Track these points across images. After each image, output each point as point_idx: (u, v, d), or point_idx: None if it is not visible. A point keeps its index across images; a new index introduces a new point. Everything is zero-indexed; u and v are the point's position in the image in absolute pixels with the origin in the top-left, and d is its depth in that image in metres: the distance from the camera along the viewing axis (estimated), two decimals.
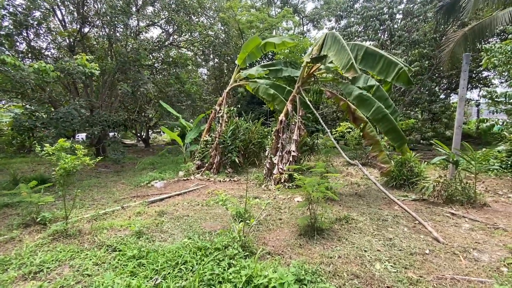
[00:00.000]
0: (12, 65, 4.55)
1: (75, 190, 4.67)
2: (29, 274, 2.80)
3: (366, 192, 6.41)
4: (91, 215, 4.78)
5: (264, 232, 4.00)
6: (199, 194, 6.51)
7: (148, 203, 5.70)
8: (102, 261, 3.11)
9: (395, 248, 3.49)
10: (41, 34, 9.20)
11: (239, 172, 8.79)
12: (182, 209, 5.24)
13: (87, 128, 9.67)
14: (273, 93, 7.75)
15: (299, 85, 6.80)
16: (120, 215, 4.91)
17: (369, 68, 5.46)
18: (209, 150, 8.82)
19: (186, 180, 7.98)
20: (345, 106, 6.24)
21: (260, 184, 7.03)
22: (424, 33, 15.19)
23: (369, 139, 5.97)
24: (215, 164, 8.52)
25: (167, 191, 6.88)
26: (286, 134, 6.92)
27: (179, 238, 3.79)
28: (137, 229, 3.87)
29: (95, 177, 9.04)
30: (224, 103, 8.91)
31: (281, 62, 8.92)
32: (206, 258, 2.91)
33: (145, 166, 10.93)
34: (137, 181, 7.82)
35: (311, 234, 3.78)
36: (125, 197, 6.32)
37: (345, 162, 10.82)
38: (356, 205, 5.32)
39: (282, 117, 6.89)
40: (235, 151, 8.67)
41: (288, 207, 5.17)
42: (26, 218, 4.29)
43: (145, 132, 22.06)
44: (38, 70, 4.76)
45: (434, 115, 16.31)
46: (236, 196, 5.98)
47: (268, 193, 6.31)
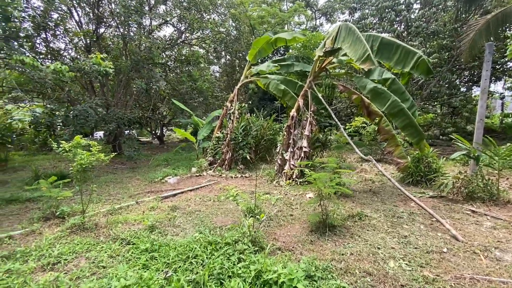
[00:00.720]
0: (30, 65, 4.74)
1: (91, 186, 4.82)
2: (48, 265, 2.92)
3: (380, 189, 6.23)
4: (107, 209, 4.93)
5: (275, 227, 3.98)
6: (211, 189, 6.57)
7: (161, 198, 5.82)
8: (117, 253, 3.20)
9: (410, 246, 3.38)
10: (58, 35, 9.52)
11: (250, 168, 8.80)
12: (194, 204, 5.31)
13: (103, 126, 9.97)
14: (284, 88, 7.66)
15: (311, 79, 6.68)
16: (134, 210, 5.04)
17: (385, 59, 5.27)
18: (221, 146, 8.87)
19: (199, 176, 8.07)
20: (359, 100, 6.07)
21: (272, 180, 7.00)
22: (443, 23, 14.50)
23: (385, 133, 5.78)
24: (227, 161, 8.56)
25: (180, 186, 6.99)
26: (297, 130, 6.84)
27: (190, 232, 3.84)
28: (150, 223, 3.96)
29: (112, 173, 9.34)
30: (236, 99, 8.91)
31: (292, 57, 8.79)
32: (216, 252, 2.92)
33: (159, 162, 11.17)
34: (151, 177, 8.00)
35: (322, 231, 3.72)
36: (139, 192, 6.49)
37: (359, 158, 10.58)
38: (370, 202, 5.19)
39: (294, 113, 6.80)
40: (246, 148, 8.67)
41: (299, 203, 5.12)
42: (46, 212, 4.48)
43: (159, 130, 22.52)
44: (55, 70, 4.93)
45: (454, 109, 15.60)
46: (247, 192, 5.99)
47: (279, 189, 6.27)
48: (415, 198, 4.30)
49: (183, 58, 14.02)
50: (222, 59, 21.23)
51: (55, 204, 4.58)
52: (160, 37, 13.45)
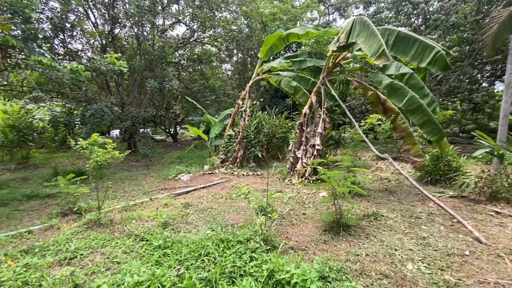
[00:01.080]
0: (48, 65, 4.89)
1: (107, 183, 4.93)
2: (64, 259, 3.00)
3: (397, 188, 6.03)
4: (122, 206, 5.03)
5: (287, 226, 3.92)
6: (223, 187, 6.58)
7: (174, 195, 5.88)
8: (131, 249, 3.25)
9: (429, 247, 3.23)
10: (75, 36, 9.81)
11: (262, 166, 8.75)
12: (206, 202, 5.33)
13: (118, 124, 10.21)
14: (295, 85, 7.54)
15: (324, 75, 6.53)
16: (148, 207, 5.11)
17: (401, 54, 5.06)
18: (232, 144, 8.88)
19: (211, 173, 8.11)
20: (374, 97, 5.87)
21: (284, 178, 6.92)
22: (464, 15, 13.82)
23: (401, 131, 5.57)
24: (239, 158, 8.55)
25: (193, 184, 7.05)
26: (310, 128, 6.72)
27: (203, 229, 3.85)
28: (163, 220, 4.00)
29: (127, 170, 9.55)
30: (247, 97, 8.87)
31: (305, 53, 8.62)
32: (228, 250, 2.90)
33: (173, 160, 11.33)
34: (165, 174, 8.12)
35: (336, 230, 3.63)
36: (153, 189, 6.59)
37: (374, 157, 10.31)
38: (386, 201, 5.02)
39: (306, 110, 6.68)
40: (258, 146, 8.63)
41: (312, 202, 5.02)
42: (64, 207, 4.62)
43: (173, 128, 22.88)
44: (72, 70, 5.07)
45: (476, 105, 14.89)
46: (259, 190, 5.95)
47: (291, 187, 6.19)
48: (434, 198, 4.11)
49: (196, 57, 14.13)
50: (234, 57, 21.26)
51: (73, 200, 4.72)
52: (173, 36, 13.60)
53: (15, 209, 5.09)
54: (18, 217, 4.63)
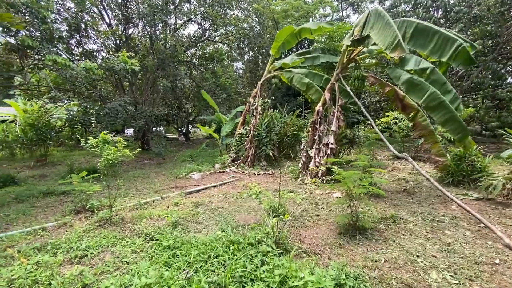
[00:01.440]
0: (62, 64, 4.96)
1: (118, 181, 4.93)
2: (75, 258, 2.99)
3: (416, 189, 5.73)
4: (134, 204, 5.03)
5: (300, 228, 3.77)
6: (234, 186, 6.49)
7: (185, 194, 5.85)
8: (140, 249, 3.21)
9: (455, 255, 2.99)
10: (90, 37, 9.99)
11: (273, 165, 8.61)
12: (217, 201, 5.25)
13: (132, 123, 10.34)
14: (308, 82, 7.33)
15: (339, 71, 6.29)
16: (159, 205, 5.09)
17: (420, 47, 4.77)
18: (243, 143, 8.78)
19: (222, 172, 8.05)
20: (392, 93, 5.59)
21: (296, 178, 6.75)
22: (487, 7, 13.06)
23: (421, 129, 5.27)
24: (250, 157, 8.45)
25: (204, 182, 7.01)
26: (323, 126, 6.51)
27: (213, 230, 3.77)
28: (173, 219, 3.94)
29: (140, 168, 9.66)
30: (259, 95, 8.74)
31: (318, 49, 8.39)
32: (238, 253, 2.79)
33: (184, 158, 11.38)
34: (176, 172, 8.13)
35: (352, 234, 3.44)
36: (165, 187, 6.59)
37: (390, 156, 9.94)
38: (405, 203, 4.76)
39: (319, 107, 6.48)
40: (269, 144, 8.50)
41: (325, 203, 4.84)
42: (77, 205, 4.67)
43: (185, 127, 23.09)
44: (85, 68, 5.12)
45: (500, 102, 14.10)
46: (270, 189, 5.82)
47: (304, 187, 6.02)
48: (458, 201, 3.84)
49: (207, 55, 14.12)
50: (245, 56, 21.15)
51: (86, 198, 4.76)
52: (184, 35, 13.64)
53: (32, 206, 5.20)
54: (33, 214, 4.72)
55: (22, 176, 7.82)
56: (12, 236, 3.64)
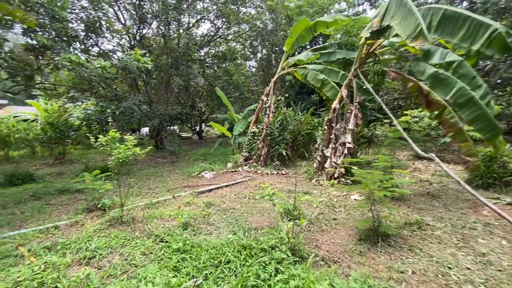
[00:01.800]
0: (77, 63, 4.97)
1: (129, 180, 4.88)
2: (84, 259, 2.92)
3: (441, 192, 5.34)
4: (145, 203, 4.97)
5: (317, 233, 3.54)
6: (246, 186, 6.33)
7: (197, 193, 5.74)
8: (150, 251, 3.10)
9: (491, 267, 2.68)
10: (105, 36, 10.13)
11: (287, 165, 8.37)
12: (229, 201, 5.10)
13: (147, 122, 10.42)
14: (323, 78, 7.03)
15: (356, 66, 5.97)
16: (170, 205, 5.01)
17: (448, 36, 4.38)
18: (256, 142, 8.60)
19: (234, 171, 7.91)
20: (415, 88, 5.22)
21: (310, 178, 6.50)
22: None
23: (449, 127, 4.88)
24: (263, 156, 8.25)
25: (216, 182, 6.89)
26: (340, 124, 6.21)
27: (224, 232, 3.62)
28: (183, 220, 3.82)
29: (153, 167, 9.70)
30: (272, 93, 8.52)
31: (334, 44, 8.06)
32: (251, 259, 2.61)
33: (197, 157, 11.36)
34: (189, 171, 8.07)
35: (373, 240, 3.18)
36: (177, 186, 6.52)
37: (410, 156, 9.44)
38: (430, 207, 4.41)
39: (336, 105, 6.18)
40: (283, 143, 8.26)
41: (343, 206, 4.57)
42: (90, 204, 4.65)
43: (198, 126, 23.22)
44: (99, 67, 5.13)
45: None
46: (284, 190, 5.60)
47: (319, 188, 5.76)
48: (493, 206, 3.47)
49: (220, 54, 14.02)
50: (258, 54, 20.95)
51: (98, 197, 4.74)
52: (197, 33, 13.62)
53: (47, 204, 5.26)
54: (48, 212, 4.76)
55: (40, 173, 8.03)
56: (25, 234, 3.65)
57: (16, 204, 5.18)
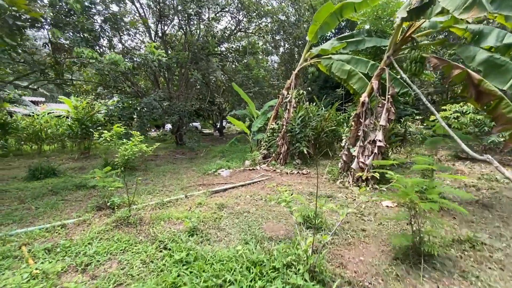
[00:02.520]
0: (90, 57, 4.84)
1: (137, 178, 4.64)
2: (81, 265, 2.67)
3: (493, 200, 4.50)
4: (156, 202, 4.73)
5: (341, 247, 3.01)
6: (263, 186, 5.89)
7: (211, 193, 5.42)
8: (151, 259, 2.79)
9: None
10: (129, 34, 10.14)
11: (308, 164, 7.80)
12: (243, 203, 4.71)
13: (166, 118, 10.35)
14: (349, 69, 6.33)
15: (390, 53, 5.23)
16: (182, 204, 4.72)
17: (509, 10, 3.57)
18: (275, 139, 8.11)
19: (252, 170, 7.50)
20: (463, 77, 4.41)
21: (335, 179, 5.90)
22: None
23: (505, 123, 4.05)
24: (282, 154, 7.75)
25: (232, 180, 6.54)
26: (369, 120, 5.53)
27: (235, 239, 3.22)
28: (191, 224, 3.46)
29: (171, 163, 9.59)
30: (293, 86, 7.96)
31: (363, 31, 7.28)
32: (260, 280, 2.18)
33: (215, 154, 11.13)
34: (205, 169, 7.80)
35: (413, 260, 2.59)
36: (191, 184, 6.25)
37: (449, 156, 8.42)
38: (482, 220, 3.67)
39: (365, 98, 5.50)
40: (304, 140, 7.69)
41: (373, 214, 3.96)
42: (100, 201, 4.49)
43: (219, 122, 23.17)
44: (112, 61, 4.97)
45: None
46: (304, 192, 5.09)
47: (344, 191, 5.16)
48: None
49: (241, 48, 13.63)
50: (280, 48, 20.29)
51: (108, 194, 4.58)
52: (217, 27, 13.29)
53: (62, 199, 5.21)
54: (61, 208, 4.67)
55: (63, 168, 8.21)
56: (31, 232, 3.52)
57: (33, 199, 5.19)
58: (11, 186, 6.14)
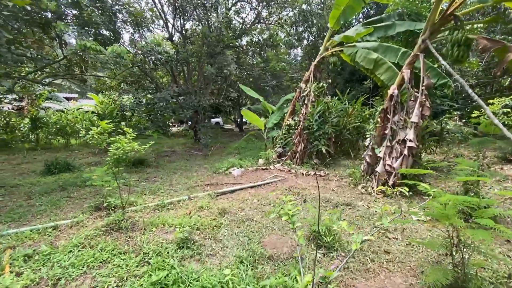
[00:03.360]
0: (93, 49, 4.62)
1: (129, 180, 4.34)
2: (52, 278, 2.38)
3: None
4: (157, 203, 4.42)
5: (357, 274, 2.42)
6: (275, 188, 5.37)
7: (216, 194, 5.02)
8: (129, 275, 2.43)
9: None
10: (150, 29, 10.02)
11: (327, 164, 7.10)
12: (249, 208, 4.24)
13: (181, 113, 10.16)
14: (376, 57, 5.52)
15: (426, 37, 4.38)
16: (183, 207, 4.38)
17: None
18: (292, 136, 7.50)
19: (265, 169, 6.99)
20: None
21: (356, 183, 5.21)
22: None
23: None
24: (298, 153, 7.14)
25: (243, 180, 6.11)
26: (399, 116, 4.74)
27: (230, 255, 2.78)
28: (181, 235, 3.04)
29: (185, 159, 9.39)
30: (311, 78, 7.27)
31: (393, 15, 6.37)
32: None
33: (231, 151, 10.79)
34: (216, 167, 7.44)
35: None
36: (199, 184, 5.92)
37: (495, 158, 7.23)
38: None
39: (394, 91, 4.72)
40: (323, 138, 7.00)
41: (400, 230, 3.28)
42: (97, 201, 4.28)
43: (239, 117, 22.87)
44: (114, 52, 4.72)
45: None
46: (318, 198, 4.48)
47: (366, 199, 4.47)
48: None
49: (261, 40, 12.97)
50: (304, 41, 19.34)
51: (106, 194, 4.35)
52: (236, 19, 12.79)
53: (68, 196, 5.12)
54: (62, 206, 4.55)
55: (80, 162, 8.31)
56: (22, 233, 3.35)
57: (41, 195, 5.15)
58: (25, 180, 6.23)
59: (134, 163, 7.87)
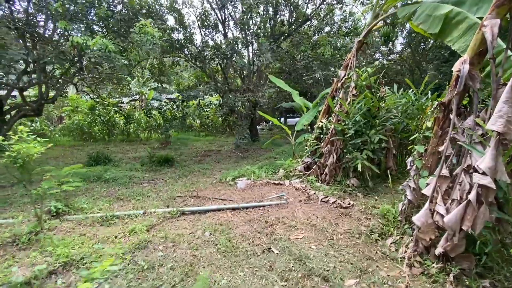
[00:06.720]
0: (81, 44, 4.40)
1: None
2: None
3: None
4: (103, 215, 3.77)
5: None
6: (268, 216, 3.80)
7: (180, 213, 3.97)
8: None
9: None
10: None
11: (370, 189, 4.78)
12: (186, 245, 3.00)
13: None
14: (447, 13, 3.02)
15: None
16: (127, 223, 3.58)
17: None
18: (321, 143, 5.52)
19: (278, 184, 5.37)
20: None
21: (385, 233, 3.03)
22: None
23: None
24: (328, 168, 5.12)
25: (240, 196, 4.84)
26: (474, 117, 2.33)
27: None
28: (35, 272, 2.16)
29: (215, 161, 8.64)
30: (353, 63, 5.07)
31: None
32: None
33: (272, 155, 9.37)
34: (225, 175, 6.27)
35: None
36: (184, 194, 4.98)
37: None
38: None
39: (464, 65, 2.36)
40: (367, 149, 4.74)
41: None
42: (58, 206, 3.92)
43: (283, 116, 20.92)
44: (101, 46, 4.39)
45: None
46: (303, 253, 2.72)
47: (393, 268, 2.38)
48: None
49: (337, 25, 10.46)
50: None
51: (62, 197, 4.00)
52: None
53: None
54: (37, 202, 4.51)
55: (121, 156, 8.86)
56: None
57: None
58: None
59: (159, 162, 7.74)
